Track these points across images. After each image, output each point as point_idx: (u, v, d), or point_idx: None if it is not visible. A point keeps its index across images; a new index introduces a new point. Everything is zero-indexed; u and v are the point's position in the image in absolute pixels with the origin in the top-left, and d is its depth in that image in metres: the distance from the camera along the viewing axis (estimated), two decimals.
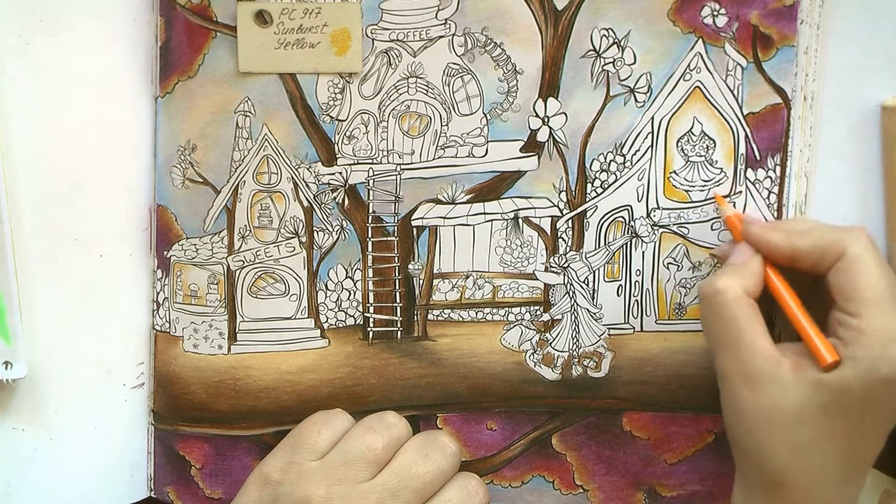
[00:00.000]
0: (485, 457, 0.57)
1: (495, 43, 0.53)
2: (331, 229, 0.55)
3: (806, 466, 0.47)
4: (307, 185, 0.55)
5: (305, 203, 0.55)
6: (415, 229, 0.55)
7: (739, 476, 0.51)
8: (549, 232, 0.55)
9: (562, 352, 0.56)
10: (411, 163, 0.55)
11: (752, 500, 0.50)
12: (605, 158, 0.55)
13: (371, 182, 0.55)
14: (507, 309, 0.56)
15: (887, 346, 0.46)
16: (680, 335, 0.56)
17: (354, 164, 0.55)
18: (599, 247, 0.55)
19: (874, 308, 0.47)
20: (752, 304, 0.49)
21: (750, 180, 0.55)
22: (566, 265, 0.56)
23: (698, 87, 0.54)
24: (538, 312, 0.56)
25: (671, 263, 0.56)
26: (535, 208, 0.55)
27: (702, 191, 0.55)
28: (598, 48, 0.54)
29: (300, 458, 0.51)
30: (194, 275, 0.55)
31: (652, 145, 0.55)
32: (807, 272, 0.50)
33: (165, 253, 0.55)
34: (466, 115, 0.54)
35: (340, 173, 0.55)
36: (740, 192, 0.55)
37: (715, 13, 0.53)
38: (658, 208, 0.55)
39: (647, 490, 0.57)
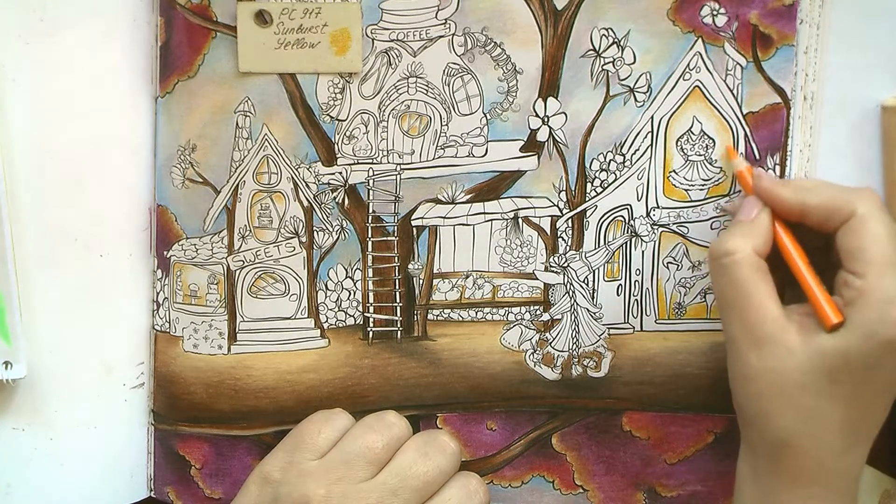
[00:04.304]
0: (485, 457, 0.57)
1: (495, 43, 0.54)
2: (331, 229, 0.55)
3: (810, 433, 0.47)
4: (307, 185, 0.55)
5: (305, 203, 0.55)
6: (415, 229, 0.55)
7: (745, 445, 0.51)
8: (548, 231, 0.55)
9: (562, 351, 0.56)
10: (411, 163, 0.55)
11: (757, 467, 0.50)
12: (605, 158, 0.55)
13: (371, 182, 0.55)
14: (506, 309, 0.56)
15: (887, 308, 0.46)
16: (680, 335, 0.56)
17: (354, 163, 0.55)
18: (599, 246, 0.55)
19: (878, 269, 0.46)
20: (762, 264, 0.49)
21: None
22: (566, 265, 0.56)
23: (698, 86, 0.54)
24: (538, 312, 0.56)
25: (671, 263, 0.56)
26: (534, 208, 0.55)
27: (701, 190, 0.55)
28: (597, 48, 0.54)
29: (300, 458, 0.51)
30: (194, 275, 0.55)
31: (651, 145, 0.55)
32: (815, 229, 0.49)
33: (165, 253, 0.55)
34: (466, 114, 0.54)
35: (340, 173, 0.55)
36: (739, 190, 0.55)
37: (714, 13, 0.53)
38: (658, 207, 0.55)
39: (647, 490, 0.57)
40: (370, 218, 0.55)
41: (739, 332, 0.48)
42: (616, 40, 0.54)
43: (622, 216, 0.55)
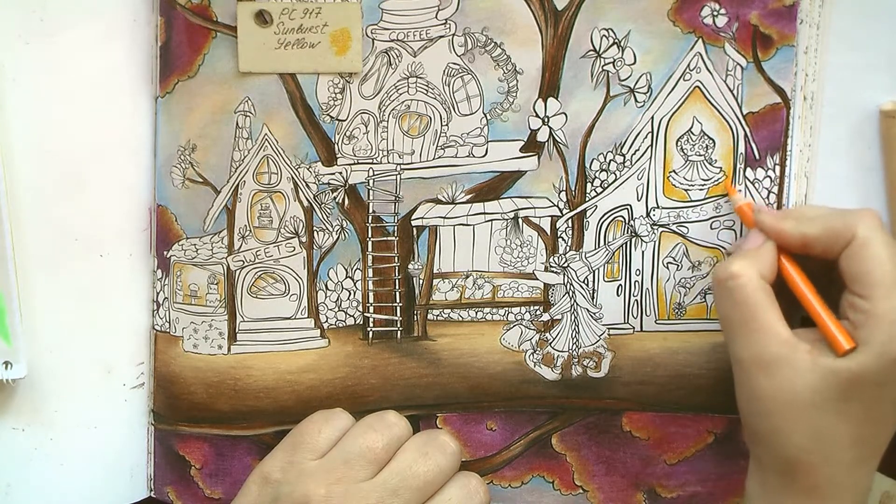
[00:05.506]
0: (485, 457, 0.57)
1: (495, 43, 0.54)
2: (331, 229, 0.55)
3: (821, 450, 0.47)
4: (307, 185, 0.55)
5: (305, 203, 0.55)
6: (415, 229, 0.55)
7: (754, 462, 0.51)
8: (548, 232, 0.55)
9: (562, 352, 0.56)
10: (411, 163, 0.55)
11: (767, 485, 0.50)
12: (605, 158, 0.55)
13: (371, 182, 0.55)
14: (506, 309, 0.56)
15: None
16: (680, 335, 0.56)
17: (354, 163, 0.55)
18: (599, 246, 0.55)
19: (883, 290, 0.46)
20: (767, 287, 0.49)
21: (749, 180, 0.55)
22: (566, 265, 0.56)
23: (698, 86, 0.54)
24: (538, 312, 0.56)
25: (671, 263, 0.56)
26: (534, 208, 0.55)
27: (701, 190, 0.55)
28: (598, 48, 0.54)
29: (300, 458, 0.51)
30: (194, 275, 0.55)
31: (651, 145, 0.55)
32: (819, 258, 0.50)
33: (165, 253, 0.55)
34: (466, 115, 0.54)
35: (340, 173, 0.55)
36: (739, 191, 0.55)
37: (715, 13, 0.53)
38: (657, 208, 0.55)
39: (647, 491, 0.57)
40: (370, 218, 0.55)
41: (747, 354, 0.49)
42: (616, 41, 0.54)
43: (622, 216, 0.55)
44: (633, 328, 0.56)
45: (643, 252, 0.56)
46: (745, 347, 0.49)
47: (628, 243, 0.56)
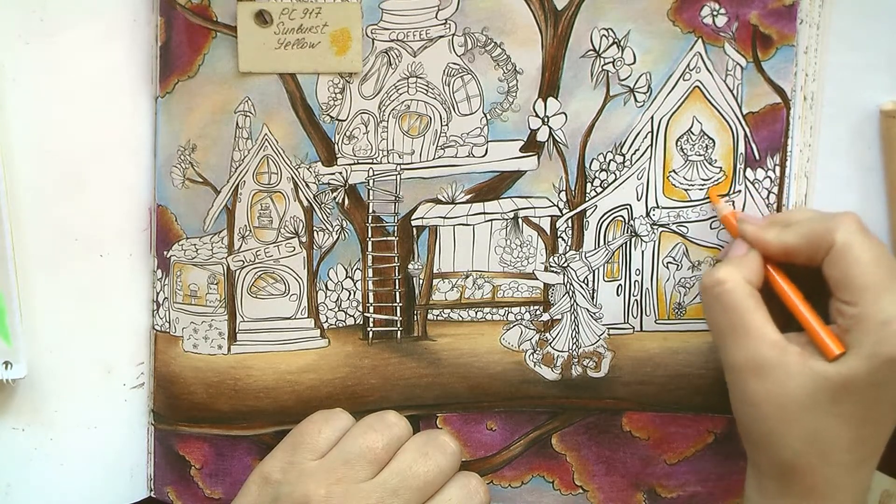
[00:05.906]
0: (485, 457, 0.57)
1: (495, 43, 0.54)
2: (331, 229, 0.55)
3: (817, 452, 0.47)
4: (307, 185, 0.55)
5: (305, 203, 0.55)
6: (415, 229, 0.55)
7: (751, 467, 0.51)
8: (548, 231, 0.55)
9: (561, 352, 0.56)
10: (411, 163, 0.55)
11: (764, 489, 0.50)
12: (605, 158, 0.55)
13: (371, 182, 0.55)
14: (506, 309, 0.56)
15: (885, 328, 0.46)
16: (680, 335, 0.56)
17: (354, 163, 0.55)
18: (599, 246, 0.55)
19: (868, 293, 0.47)
20: (755, 292, 0.49)
21: (749, 180, 0.55)
22: (566, 265, 0.56)
23: (698, 86, 0.54)
24: (538, 312, 0.56)
25: (670, 263, 0.56)
26: (534, 208, 0.55)
27: (701, 190, 0.55)
28: (597, 48, 0.54)
29: (300, 458, 0.51)
30: (194, 275, 0.55)
31: (651, 145, 0.55)
32: (805, 265, 0.50)
33: (165, 253, 0.55)
34: (466, 114, 0.54)
35: (340, 173, 0.55)
36: (739, 191, 0.55)
37: (714, 13, 0.53)
38: (657, 207, 0.55)
39: (647, 491, 0.57)
40: (370, 218, 0.55)
41: (738, 359, 0.49)
42: (616, 40, 0.54)
43: (622, 216, 0.55)
44: (633, 328, 0.56)
45: (643, 252, 0.56)
46: (736, 352, 0.49)
47: (628, 243, 0.56)
